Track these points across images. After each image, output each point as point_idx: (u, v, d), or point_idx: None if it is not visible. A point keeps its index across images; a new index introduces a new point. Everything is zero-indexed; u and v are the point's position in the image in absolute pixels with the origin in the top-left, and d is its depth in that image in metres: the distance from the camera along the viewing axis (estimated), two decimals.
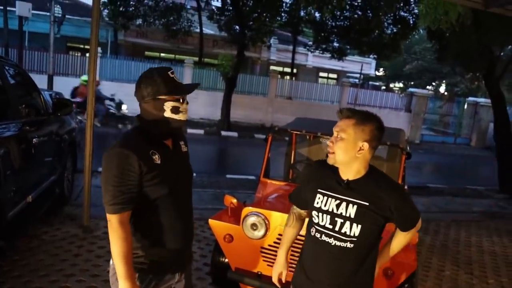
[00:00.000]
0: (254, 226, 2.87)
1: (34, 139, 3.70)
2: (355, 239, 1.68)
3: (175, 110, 1.64)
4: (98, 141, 4.74)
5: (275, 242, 2.86)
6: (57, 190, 4.56)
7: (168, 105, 1.63)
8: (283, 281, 2.02)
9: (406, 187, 3.98)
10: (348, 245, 1.69)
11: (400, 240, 1.85)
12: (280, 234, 2.84)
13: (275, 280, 2.01)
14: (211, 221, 2.97)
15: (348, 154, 1.66)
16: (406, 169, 3.68)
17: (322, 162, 1.80)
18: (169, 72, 1.65)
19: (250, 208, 2.91)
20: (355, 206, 1.67)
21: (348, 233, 1.68)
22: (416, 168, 11.15)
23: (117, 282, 1.67)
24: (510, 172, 8.75)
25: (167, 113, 1.64)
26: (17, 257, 3.57)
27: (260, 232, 2.86)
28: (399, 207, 1.70)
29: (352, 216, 1.67)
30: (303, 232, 1.99)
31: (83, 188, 4.49)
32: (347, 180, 1.71)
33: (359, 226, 1.67)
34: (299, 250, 2.77)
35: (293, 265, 2.86)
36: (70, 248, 3.90)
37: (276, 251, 2.86)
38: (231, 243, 2.94)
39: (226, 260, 3.09)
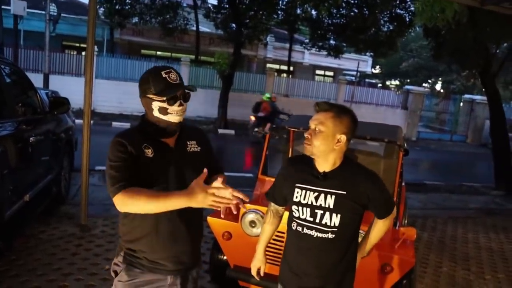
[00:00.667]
0: (252, 223, 2.88)
1: (30, 138, 3.68)
2: (336, 229, 1.73)
3: (162, 110, 1.63)
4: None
5: (273, 240, 2.86)
6: (54, 189, 4.54)
7: (155, 105, 1.63)
8: (261, 274, 2.11)
9: (403, 184, 3.99)
10: (330, 235, 1.74)
11: (379, 228, 1.91)
12: (279, 231, 2.85)
13: (254, 273, 2.10)
14: (209, 219, 2.97)
15: (326, 146, 1.70)
16: (403, 166, 3.70)
17: (296, 158, 1.88)
18: (163, 72, 1.62)
19: (249, 205, 2.91)
20: (333, 196, 1.72)
21: (328, 223, 1.73)
22: (413, 165, 11.18)
23: (118, 283, 1.71)
24: (506, 169, 8.80)
25: (155, 113, 1.64)
26: (14, 256, 3.56)
27: (258, 229, 2.86)
28: (375, 194, 1.76)
29: (331, 206, 1.72)
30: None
31: (80, 187, 4.48)
32: (324, 172, 1.75)
33: (339, 215, 1.72)
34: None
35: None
36: (68, 247, 3.89)
37: (274, 248, 2.88)
38: (229, 240, 2.94)
39: (225, 257, 3.10)
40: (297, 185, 1.80)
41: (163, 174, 1.66)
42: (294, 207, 1.82)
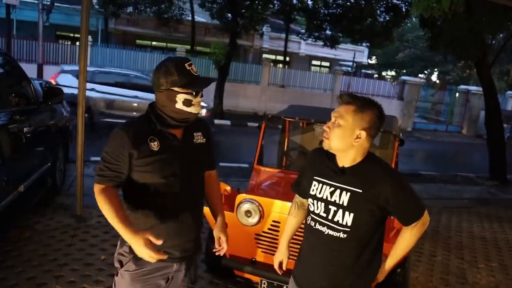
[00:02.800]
0: (248, 213, 2.88)
1: (24, 129, 3.65)
2: (348, 229, 1.63)
3: (187, 102, 1.64)
4: None
5: (269, 229, 2.88)
6: (49, 180, 4.53)
7: (180, 97, 1.62)
8: (284, 268, 2.01)
9: None
10: (341, 235, 1.64)
11: (405, 237, 1.71)
12: (274, 221, 2.86)
13: (276, 267, 2.02)
14: (205, 209, 2.94)
15: (344, 141, 1.60)
16: (398, 156, 3.71)
17: (319, 149, 1.76)
18: (186, 64, 1.64)
19: (244, 195, 2.92)
20: (348, 194, 1.62)
21: (340, 221, 1.64)
22: (409, 155, 11.23)
23: (125, 273, 1.74)
24: (501, 159, 8.86)
25: (179, 105, 1.64)
26: (9, 247, 3.55)
27: (254, 219, 2.87)
28: (395, 196, 1.61)
29: (345, 204, 1.62)
30: None
31: (76, 178, 4.46)
32: (343, 167, 1.66)
33: (351, 214, 1.62)
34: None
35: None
36: (63, 237, 3.88)
37: (270, 238, 2.89)
38: None
39: None
40: (315, 177, 1.74)
41: (169, 167, 1.67)
42: (310, 200, 1.75)
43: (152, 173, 1.64)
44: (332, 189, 1.67)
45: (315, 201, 1.72)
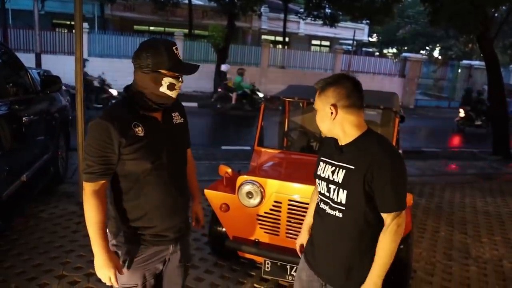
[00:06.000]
0: (249, 194, 2.88)
1: (24, 118, 3.64)
2: (343, 207, 1.64)
3: (171, 86, 1.61)
4: None
5: (271, 209, 2.88)
6: (51, 169, 4.54)
7: (166, 80, 1.59)
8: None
9: (400, 151, 3.99)
10: (337, 213, 1.66)
11: (380, 244, 1.59)
12: (276, 201, 2.87)
13: (298, 250, 2.03)
14: (206, 191, 2.97)
15: (324, 122, 1.68)
16: (400, 133, 3.69)
17: None
18: (173, 48, 1.61)
19: (245, 176, 2.92)
20: (344, 171, 1.65)
21: (336, 199, 1.66)
22: (411, 132, 11.19)
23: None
24: (504, 133, 8.81)
25: (163, 88, 1.60)
26: (16, 236, 3.59)
27: (255, 200, 2.88)
28: (381, 174, 1.55)
29: (340, 181, 1.65)
30: None
31: (78, 166, 4.47)
32: (341, 145, 1.70)
33: (345, 191, 1.63)
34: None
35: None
36: (68, 224, 3.92)
37: (272, 218, 2.90)
38: (227, 212, 2.96)
39: (223, 229, 3.12)
40: (321, 158, 1.80)
41: (156, 150, 1.65)
42: (317, 181, 1.80)
43: (140, 159, 1.61)
44: (333, 168, 1.70)
45: (320, 181, 1.77)
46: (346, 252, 1.68)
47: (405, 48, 29.92)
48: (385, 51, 33.41)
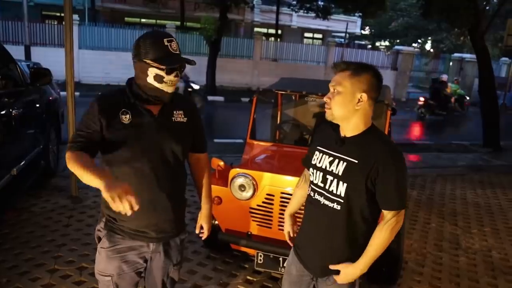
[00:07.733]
0: (242, 187, 2.89)
1: (13, 111, 3.60)
2: (342, 200, 1.62)
3: (158, 78, 1.60)
4: None
5: (263, 202, 2.89)
6: (42, 162, 4.50)
7: (152, 71, 1.59)
8: (292, 235, 1.99)
9: None
10: (335, 206, 1.64)
11: (376, 235, 1.62)
12: (268, 194, 2.87)
13: (287, 238, 2.01)
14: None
15: (346, 107, 1.58)
16: (392, 126, 3.71)
17: (324, 122, 1.74)
18: (165, 39, 1.59)
19: (238, 169, 2.92)
20: (345, 164, 1.62)
21: (334, 191, 1.63)
22: (403, 125, 11.25)
23: (101, 249, 1.73)
24: (494, 126, 8.90)
25: (150, 79, 1.60)
26: (7, 230, 3.57)
27: (248, 193, 2.88)
28: (384, 172, 1.56)
29: (340, 173, 1.62)
30: None
31: None
32: (344, 136, 1.65)
33: (345, 184, 1.61)
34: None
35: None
36: (60, 218, 3.90)
37: (264, 211, 2.91)
38: (220, 205, 2.96)
39: (216, 222, 3.12)
40: (318, 147, 1.74)
41: (138, 142, 1.63)
42: (311, 170, 1.75)
43: (120, 147, 1.61)
44: (331, 158, 1.67)
45: (314, 171, 1.73)
46: (338, 244, 1.68)
47: (397, 41, 29.95)
48: (377, 44, 33.43)
